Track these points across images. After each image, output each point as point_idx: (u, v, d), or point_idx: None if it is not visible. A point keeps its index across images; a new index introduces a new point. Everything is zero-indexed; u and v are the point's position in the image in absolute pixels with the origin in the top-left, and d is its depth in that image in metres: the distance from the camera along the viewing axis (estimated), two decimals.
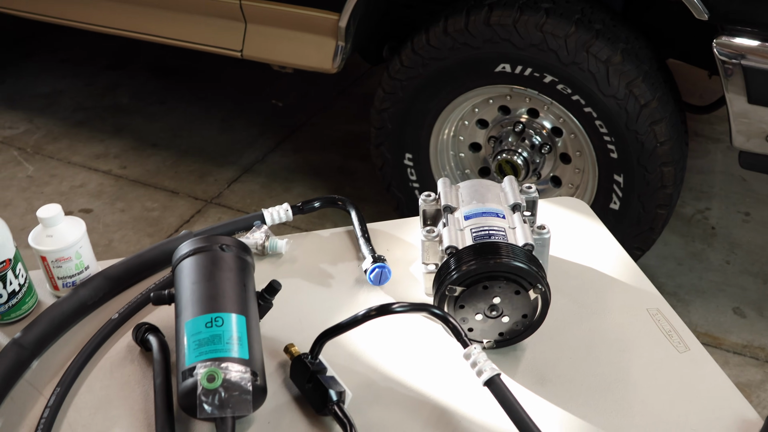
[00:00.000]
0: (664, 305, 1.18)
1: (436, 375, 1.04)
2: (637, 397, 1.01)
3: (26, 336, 1.07)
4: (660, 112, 1.97)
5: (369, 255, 1.21)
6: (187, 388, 0.90)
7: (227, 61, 3.76)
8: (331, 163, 3.23)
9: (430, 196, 1.18)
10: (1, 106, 3.80)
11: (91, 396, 1.03)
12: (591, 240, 1.33)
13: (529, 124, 2.25)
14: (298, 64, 2.46)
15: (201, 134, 3.49)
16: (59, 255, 1.16)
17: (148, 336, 1.06)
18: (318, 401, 0.96)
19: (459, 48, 2.10)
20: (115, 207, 3.00)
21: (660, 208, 2.10)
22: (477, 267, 0.99)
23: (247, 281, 1.03)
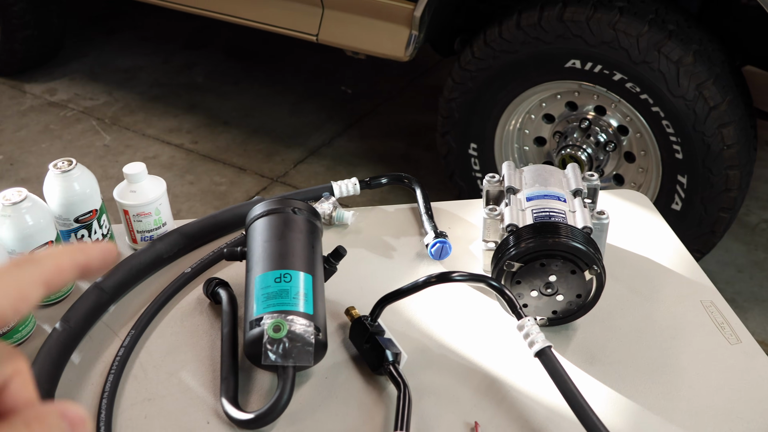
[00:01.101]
0: (718, 298, 1.19)
1: (489, 346, 1.08)
2: (684, 383, 1.04)
3: (106, 281, 1.14)
4: (729, 115, 1.97)
5: (431, 230, 1.25)
6: (253, 336, 0.96)
7: (300, 46, 3.85)
8: (396, 151, 3.28)
9: (494, 178, 1.22)
10: (83, 78, 3.96)
11: (162, 341, 1.10)
12: (650, 232, 1.35)
13: (596, 122, 2.26)
14: (371, 51, 2.52)
15: (271, 115, 3.58)
16: (140, 210, 1.23)
17: (218, 289, 1.12)
18: (374, 361, 1.01)
19: (531, 42, 2.13)
20: (185, 179, 3.11)
21: (723, 212, 2.09)
22: (535, 245, 1.02)
23: (315, 244, 1.09)
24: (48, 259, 0.44)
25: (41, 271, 0.43)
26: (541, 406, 0.99)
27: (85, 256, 0.46)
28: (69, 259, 0.45)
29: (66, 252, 0.45)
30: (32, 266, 0.43)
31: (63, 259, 0.45)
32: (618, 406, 1.00)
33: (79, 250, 0.46)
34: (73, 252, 0.46)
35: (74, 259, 0.45)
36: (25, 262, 0.43)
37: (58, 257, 0.44)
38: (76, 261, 0.45)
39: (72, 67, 4.07)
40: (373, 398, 1.00)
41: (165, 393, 1.01)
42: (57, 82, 3.93)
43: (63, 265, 0.44)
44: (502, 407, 0.99)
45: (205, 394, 1.01)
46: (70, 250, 0.46)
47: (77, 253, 0.46)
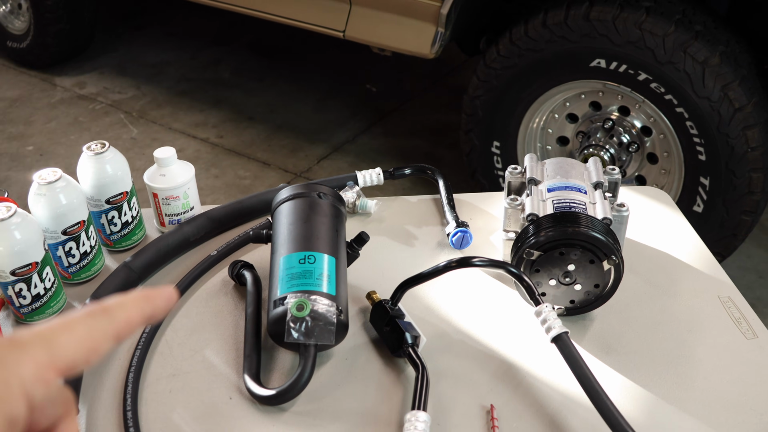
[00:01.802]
0: (736, 294, 1.20)
1: (506, 332, 1.10)
2: (699, 374, 1.05)
3: (135, 261, 1.17)
4: (754, 118, 1.97)
5: (453, 220, 1.27)
6: (277, 315, 0.98)
7: (326, 44, 3.88)
8: (419, 149, 3.30)
9: (516, 169, 1.24)
10: (112, 73, 4.02)
11: (187, 320, 1.13)
12: (670, 228, 1.36)
13: (619, 122, 2.27)
14: (397, 48, 2.54)
15: (296, 111, 3.61)
16: (169, 193, 1.27)
17: (243, 271, 1.15)
18: (394, 343, 1.03)
19: (556, 41, 2.14)
20: (210, 173, 3.15)
21: (745, 215, 2.09)
22: (555, 233, 1.04)
23: (339, 228, 1.11)
24: (119, 312, 0.46)
25: (113, 325, 0.46)
26: (557, 392, 1.00)
27: (152, 307, 0.48)
28: (138, 312, 0.47)
29: (135, 303, 0.48)
30: (105, 319, 0.45)
31: (133, 312, 0.47)
32: (632, 395, 1.01)
33: (146, 300, 0.48)
34: (141, 303, 0.48)
35: (142, 310, 0.48)
36: (99, 313, 0.46)
37: (128, 310, 0.47)
38: (144, 313, 0.48)
39: (101, 61, 4.13)
40: (392, 379, 1.02)
41: (189, 369, 1.04)
42: (86, 76, 3.99)
43: (132, 318, 0.47)
44: (518, 392, 1.01)
45: (228, 371, 1.03)
46: (138, 301, 0.48)
47: (144, 303, 0.48)
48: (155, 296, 0.49)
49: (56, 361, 0.42)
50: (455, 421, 0.96)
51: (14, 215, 1.05)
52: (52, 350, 0.42)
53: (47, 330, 0.43)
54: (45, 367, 0.42)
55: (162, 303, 0.49)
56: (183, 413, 0.97)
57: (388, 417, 0.96)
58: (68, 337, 0.43)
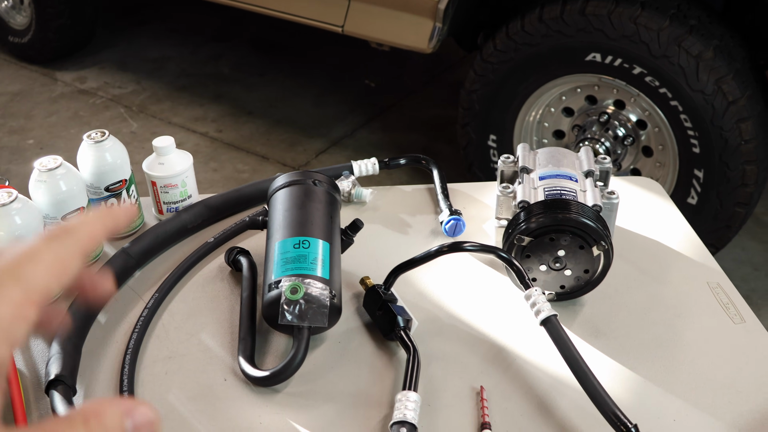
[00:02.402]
0: (725, 280, 1.22)
1: (497, 317, 1.12)
2: (686, 357, 1.07)
3: (133, 247, 1.19)
4: (748, 110, 1.99)
5: (446, 208, 1.29)
6: (271, 298, 1.00)
7: (325, 40, 3.89)
8: (417, 144, 3.32)
9: (509, 158, 1.26)
10: (113, 68, 4.04)
11: (183, 305, 1.15)
12: (661, 217, 1.37)
13: (615, 116, 2.29)
14: (395, 43, 2.56)
15: (295, 106, 3.63)
16: (167, 181, 1.28)
17: (239, 257, 1.17)
18: (386, 326, 1.05)
19: (552, 35, 2.16)
20: (209, 166, 3.17)
21: (738, 207, 2.11)
22: (545, 219, 1.06)
23: (333, 214, 1.13)
24: (82, 228, 0.46)
25: (78, 242, 0.45)
26: (546, 375, 1.02)
27: (113, 220, 0.49)
28: (100, 226, 0.47)
29: (96, 219, 0.48)
30: (69, 238, 0.45)
31: (95, 226, 0.47)
32: (621, 377, 1.03)
33: (107, 215, 0.49)
34: (103, 218, 0.48)
35: (104, 224, 0.48)
36: (62, 233, 0.45)
37: (90, 225, 0.47)
38: (107, 226, 0.48)
39: (102, 56, 4.16)
40: (384, 362, 1.04)
41: (185, 352, 1.06)
42: (87, 71, 4.01)
43: (96, 232, 0.47)
44: (507, 374, 1.03)
45: (223, 354, 1.05)
46: (99, 216, 0.48)
47: (106, 218, 0.48)
48: (115, 210, 0.49)
49: (31, 295, 0.42)
50: (446, 402, 0.98)
51: (15, 201, 1.07)
52: (25, 285, 0.42)
53: (13, 264, 0.42)
54: (21, 304, 0.41)
55: (122, 215, 0.49)
56: (178, 394, 0.99)
57: (379, 398, 0.98)
58: (37, 267, 0.43)
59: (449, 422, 0.95)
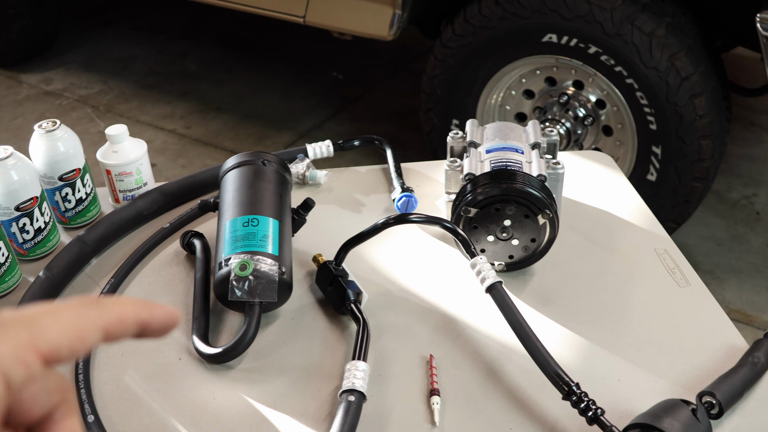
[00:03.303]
0: (672, 247, 1.25)
1: (448, 289, 1.14)
2: (632, 320, 1.09)
3: (88, 235, 1.20)
4: (701, 86, 2.02)
5: (398, 186, 1.31)
6: (222, 276, 1.02)
7: (291, 34, 3.90)
8: (384, 133, 3.30)
9: (458, 134, 1.28)
10: (78, 68, 4.02)
11: (139, 289, 1.16)
12: (610, 188, 1.40)
13: (575, 96, 2.32)
14: (356, 31, 2.58)
15: (263, 101, 3.64)
16: (122, 169, 1.29)
17: (193, 240, 1.18)
18: (337, 301, 1.07)
19: (508, 18, 2.18)
20: (177, 162, 3.17)
21: (696, 181, 2.15)
22: (490, 190, 1.08)
23: (283, 193, 1.15)
24: (113, 307, 0.44)
25: (104, 317, 0.43)
26: (494, 341, 1.05)
27: (149, 314, 0.45)
28: (132, 313, 0.44)
29: (131, 304, 0.45)
30: (96, 310, 0.43)
31: (127, 310, 0.44)
32: (569, 342, 1.06)
33: (145, 307, 0.45)
34: (138, 306, 0.45)
35: (138, 313, 0.45)
36: (91, 303, 0.43)
37: (122, 307, 0.44)
38: (139, 316, 0.45)
39: (67, 57, 4.13)
40: (336, 336, 1.06)
41: None
42: (53, 72, 3.99)
43: (126, 316, 0.44)
44: (457, 343, 1.05)
45: (179, 334, 1.07)
46: (135, 303, 0.45)
47: (142, 308, 0.45)
48: (156, 306, 0.46)
49: (38, 343, 0.40)
50: (396, 371, 1.00)
51: None
52: (34, 331, 0.40)
53: (31, 312, 0.41)
54: (25, 347, 0.40)
55: (161, 315, 0.46)
56: (134, 374, 1.01)
57: (331, 370, 1.00)
58: (53, 321, 0.41)
59: (399, 390, 0.97)
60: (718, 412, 0.92)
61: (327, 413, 0.94)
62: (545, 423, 0.93)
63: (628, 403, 0.94)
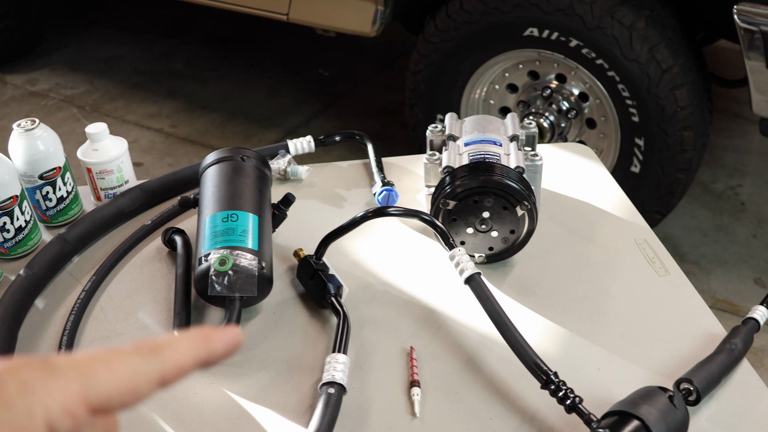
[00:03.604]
0: (651, 237, 1.26)
1: (428, 281, 1.15)
2: (612, 310, 1.10)
3: (70, 232, 1.20)
4: (681, 78, 2.04)
5: (379, 180, 1.32)
6: (201, 271, 1.02)
7: (277, 32, 3.90)
8: (371, 129, 3.34)
9: (437, 128, 1.28)
10: (64, 69, 4.01)
11: (122, 286, 1.16)
12: (591, 179, 1.41)
13: (558, 90, 2.33)
14: (339, 27, 2.58)
15: (249, 99, 3.64)
16: (103, 167, 1.29)
17: (174, 236, 1.18)
18: (318, 294, 1.07)
19: (490, 12, 2.19)
20: (164, 161, 3.17)
21: (680, 172, 2.16)
22: (468, 182, 1.09)
23: (263, 188, 1.15)
24: (171, 354, 0.42)
25: (161, 368, 0.41)
26: (475, 333, 1.05)
27: (207, 352, 0.44)
28: (191, 355, 0.43)
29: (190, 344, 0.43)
30: (153, 360, 0.41)
31: (185, 355, 0.43)
32: (548, 332, 1.06)
33: (204, 341, 0.44)
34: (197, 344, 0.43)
35: (196, 354, 0.43)
36: (148, 351, 0.41)
37: (181, 352, 0.42)
38: (198, 357, 0.43)
39: (53, 57, 4.12)
40: (317, 329, 1.06)
41: (123, 330, 1.07)
42: (38, 73, 3.98)
43: (184, 363, 0.42)
44: (438, 335, 1.05)
45: (160, 330, 1.07)
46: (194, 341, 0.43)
47: (201, 345, 0.43)
48: (215, 338, 0.44)
49: (89, 395, 0.39)
50: (376, 363, 1.01)
51: None
52: (87, 382, 0.39)
53: (86, 359, 0.40)
54: (75, 400, 0.38)
55: (221, 347, 0.44)
56: None
57: (312, 363, 1.00)
58: (107, 372, 0.40)
59: (379, 382, 0.98)
60: (696, 398, 0.92)
61: (308, 406, 0.95)
62: (525, 412, 0.94)
63: (607, 392, 0.95)
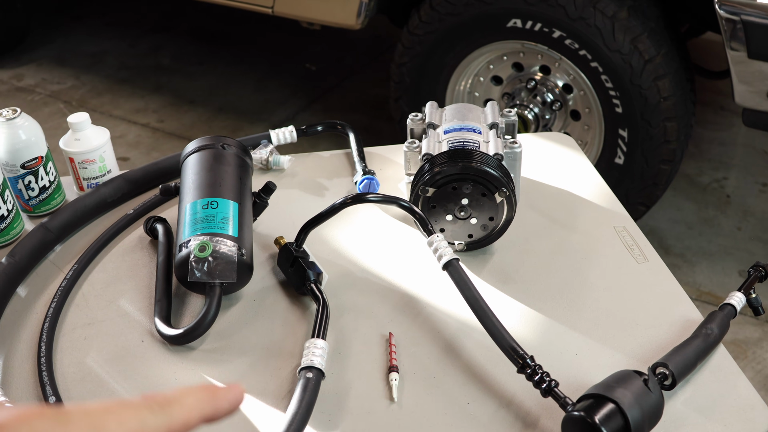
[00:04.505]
0: (631, 224, 1.27)
1: (407, 268, 1.16)
2: (590, 296, 1.11)
3: (52, 221, 1.21)
4: (664, 68, 2.05)
5: (361, 169, 1.32)
6: (182, 258, 1.03)
7: (264, 26, 3.90)
8: (358, 123, 3.34)
9: (417, 116, 1.29)
10: (50, 64, 3.99)
11: (103, 274, 1.17)
12: (571, 168, 1.42)
13: (542, 82, 2.34)
14: (324, 20, 2.58)
15: (236, 93, 3.63)
16: (85, 157, 1.30)
17: (156, 225, 1.19)
18: (298, 281, 1.08)
19: (473, 4, 2.20)
20: (151, 156, 3.16)
21: (663, 164, 2.17)
22: (447, 169, 1.10)
23: (243, 176, 1.16)
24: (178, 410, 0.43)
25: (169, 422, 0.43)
26: (453, 319, 1.06)
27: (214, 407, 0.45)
28: (198, 411, 0.44)
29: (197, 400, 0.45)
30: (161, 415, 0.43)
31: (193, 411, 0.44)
32: (527, 319, 1.07)
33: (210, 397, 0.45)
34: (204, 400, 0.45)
35: (203, 410, 0.45)
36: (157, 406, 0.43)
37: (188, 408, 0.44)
38: (204, 413, 0.45)
39: (39, 53, 4.10)
40: (297, 316, 1.07)
41: (104, 318, 1.08)
42: (24, 68, 3.96)
43: (191, 419, 0.44)
44: (417, 321, 1.06)
45: (141, 317, 1.07)
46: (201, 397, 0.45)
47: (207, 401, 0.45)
48: (221, 394, 0.46)
49: None
50: (355, 349, 1.01)
51: None
52: None
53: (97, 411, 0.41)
54: None
55: (226, 404, 0.46)
56: (96, 357, 1.01)
57: (292, 349, 1.01)
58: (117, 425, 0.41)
59: (358, 367, 0.98)
60: (672, 383, 0.93)
61: (287, 391, 0.95)
62: (502, 397, 0.95)
63: (584, 377, 0.96)
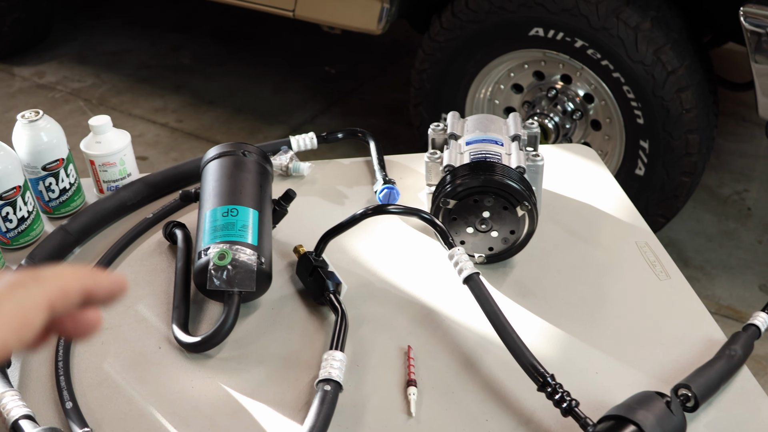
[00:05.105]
0: (653, 240, 1.25)
1: (428, 280, 1.15)
2: (612, 313, 1.10)
3: (72, 224, 1.21)
4: (687, 80, 2.03)
5: (381, 178, 1.32)
6: (201, 265, 1.02)
7: (284, 28, 3.90)
8: (376, 127, 3.34)
9: (439, 126, 1.28)
10: (72, 62, 4.01)
11: None
12: (593, 181, 1.41)
13: (563, 91, 2.32)
14: (345, 25, 2.58)
15: (255, 94, 3.64)
16: (105, 159, 1.30)
17: (175, 230, 1.19)
18: (317, 291, 1.07)
19: (495, 11, 2.19)
20: (169, 156, 3.17)
21: (684, 176, 2.15)
22: (469, 181, 1.09)
23: (264, 184, 1.15)
24: (53, 280, 0.42)
25: (46, 292, 0.41)
26: (473, 333, 1.05)
27: (93, 282, 0.43)
28: (76, 282, 0.43)
29: (73, 273, 0.43)
30: (36, 287, 0.41)
31: (69, 280, 0.42)
32: (547, 334, 1.06)
33: (88, 275, 0.44)
34: (81, 275, 0.43)
35: (81, 282, 0.43)
36: (29, 281, 0.41)
37: (64, 278, 0.42)
38: (83, 284, 0.43)
39: (61, 50, 4.13)
40: (315, 326, 1.06)
41: (121, 323, 1.08)
42: (46, 65, 3.99)
43: (69, 287, 0.42)
44: (436, 334, 1.05)
45: (159, 323, 1.07)
46: (78, 272, 0.43)
47: (85, 277, 0.43)
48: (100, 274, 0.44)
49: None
50: (374, 362, 1.01)
51: None
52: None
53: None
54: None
55: (105, 282, 0.44)
56: (113, 362, 1.01)
57: (309, 360, 1.01)
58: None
59: (376, 380, 0.98)
60: (694, 404, 0.92)
61: (304, 403, 0.95)
62: (521, 414, 0.94)
63: (605, 396, 0.94)
